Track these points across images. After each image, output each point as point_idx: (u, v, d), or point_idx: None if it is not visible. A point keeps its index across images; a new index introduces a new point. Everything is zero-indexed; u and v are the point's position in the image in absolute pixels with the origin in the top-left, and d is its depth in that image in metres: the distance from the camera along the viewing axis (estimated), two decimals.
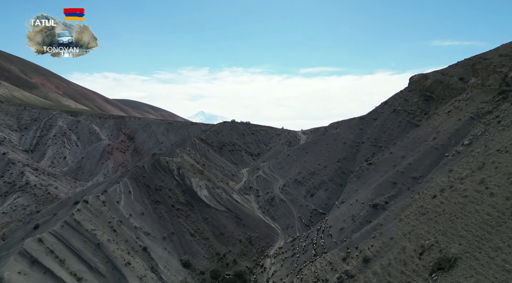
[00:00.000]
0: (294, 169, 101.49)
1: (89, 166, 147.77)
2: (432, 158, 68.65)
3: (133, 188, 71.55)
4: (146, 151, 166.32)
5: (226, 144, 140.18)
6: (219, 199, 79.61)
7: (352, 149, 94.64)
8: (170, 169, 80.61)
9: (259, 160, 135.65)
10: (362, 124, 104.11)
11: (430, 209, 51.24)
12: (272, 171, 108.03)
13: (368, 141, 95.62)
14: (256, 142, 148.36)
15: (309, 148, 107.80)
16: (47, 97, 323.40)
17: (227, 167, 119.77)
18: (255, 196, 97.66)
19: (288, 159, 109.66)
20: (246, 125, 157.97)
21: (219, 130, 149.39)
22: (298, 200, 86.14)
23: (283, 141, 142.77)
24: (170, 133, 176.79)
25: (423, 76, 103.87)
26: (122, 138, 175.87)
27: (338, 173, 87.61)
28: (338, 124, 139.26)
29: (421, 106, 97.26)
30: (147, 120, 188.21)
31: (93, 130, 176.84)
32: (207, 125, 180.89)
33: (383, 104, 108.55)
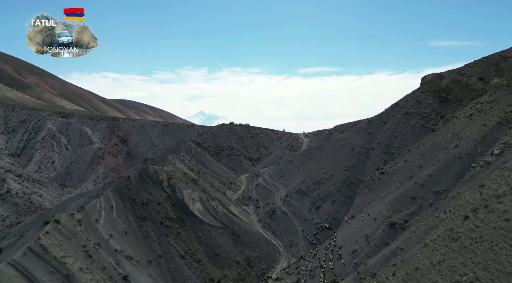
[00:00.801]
0: (297, 177, 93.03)
1: (79, 172, 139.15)
2: (456, 169, 60.23)
3: (116, 202, 63.04)
4: (140, 154, 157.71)
5: (224, 148, 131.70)
6: (214, 213, 71.12)
7: (361, 156, 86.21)
8: (159, 179, 72.12)
9: (258, 165, 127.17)
10: (371, 128, 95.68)
11: (463, 234, 42.87)
12: (273, 179, 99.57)
13: (379, 147, 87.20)
14: (255, 146, 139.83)
15: (313, 154, 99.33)
16: (40, 97, 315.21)
17: (224, 174, 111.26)
18: (255, 207, 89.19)
19: (290, 166, 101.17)
20: (245, 128, 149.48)
21: (217, 133, 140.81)
22: (302, 213, 77.68)
23: (284, 145, 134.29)
24: (166, 136, 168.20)
25: (437, 76, 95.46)
26: (115, 141, 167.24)
27: (346, 183, 79.16)
28: (343, 127, 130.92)
29: (436, 108, 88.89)
30: (141, 122, 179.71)
31: (84, 132, 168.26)
32: (204, 127, 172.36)
33: (394, 106, 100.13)
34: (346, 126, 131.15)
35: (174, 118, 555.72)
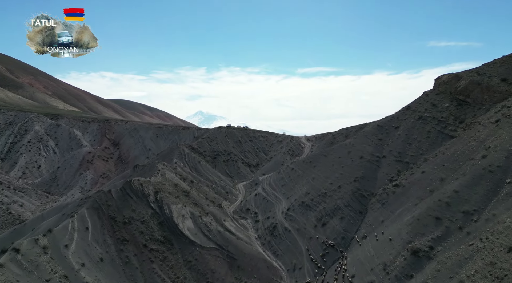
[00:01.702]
0: (300, 187, 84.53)
1: (65, 178, 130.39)
2: (487, 185, 51.86)
3: (93, 222, 54.42)
4: (132, 159, 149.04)
5: (221, 153, 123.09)
6: (207, 232, 62.58)
7: (371, 165, 77.75)
8: (145, 193, 63.51)
9: (258, 172, 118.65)
10: (381, 134, 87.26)
11: (510, 271, 34.64)
12: (273, 189, 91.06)
13: (391, 155, 78.75)
14: (254, 150, 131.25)
15: (318, 162, 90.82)
16: (33, 97, 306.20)
17: (220, 182, 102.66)
18: (253, 221, 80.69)
19: (292, 174, 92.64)
20: (244, 131, 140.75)
21: (213, 136, 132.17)
22: (306, 230, 69.20)
23: (285, 150, 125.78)
24: (160, 139, 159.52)
25: (454, 77, 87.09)
26: (106, 144, 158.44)
27: (356, 196, 70.70)
28: (348, 131, 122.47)
29: (454, 112, 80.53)
30: (134, 124, 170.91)
31: (73, 135, 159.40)
32: (200, 129, 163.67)
33: (405, 109, 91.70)
34: (351, 130, 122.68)
35: (172, 118, 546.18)
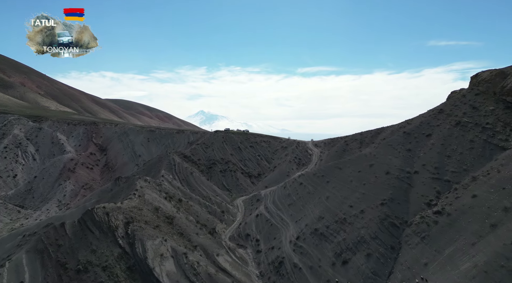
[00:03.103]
0: (311, 208, 69.34)
1: (42, 189, 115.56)
2: None
3: (32, 273, 39.37)
4: (120, 166, 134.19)
5: (217, 162, 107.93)
6: (194, 276, 47.39)
7: (401, 184, 62.38)
8: (112, 226, 48.35)
9: (259, 183, 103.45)
10: (409, 143, 71.92)
11: None
12: (278, 208, 75.89)
13: (425, 170, 63.37)
14: (255, 158, 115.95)
15: (331, 175, 75.60)
16: (23, 97, 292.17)
17: (216, 197, 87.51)
18: (254, 251, 65.54)
19: (300, 190, 77.47)
20: (244, 136, 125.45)
21: (209, 142, 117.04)
22: (321, 268, 53.97)
23: (290, 158, 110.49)
24: (151, 144, 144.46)
25: (498, 74, 71.61)
26: (92, 149, 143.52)
27: (384, 225, 55.38)
28: (362, 137, 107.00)
29: (502, 117, 65.15)
30: (124, 127, 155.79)
31: (56, 139, 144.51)
32: (196, 133, 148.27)
33: (437, 112, 76.30)
34: (365, 135, 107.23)
35: (172, 118, 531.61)
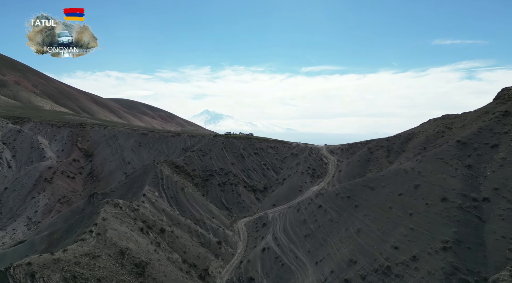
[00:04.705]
0: (336, 243, 51.53)
1: (12, 203, 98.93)
2: None
3: None
4: (106, 175, 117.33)
5: (215, 173, 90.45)
6: None
7: (467, 216, 44.22)
8: None
9: (266, 200, 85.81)
10: (468, 156, 53.62)
11: None
12: (292, 240, 58.09)
13: (500, 197, 45.13)
14: (260, 168, 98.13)
15: (360, 197, 57.65)
16: (16, 97, 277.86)
17: (211, 222, 69.99)
18: None
19: (320, 216, 59.63)
20: (247, 141, 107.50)
21: (206, 149, 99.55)
22: None
23: (302, 168, 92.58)
24: (143, 149, 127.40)
25: None
26: (76, 155, 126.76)
27: (451, 281, 37.45)
28: (390, 143, 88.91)
29: None
30: (113, 130, 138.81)
31: (37, 144, 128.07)
32: (194, 137, 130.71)
33: (501, 116, 57.90)
34: (394, 141, 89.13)
35: (175, 118, 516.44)
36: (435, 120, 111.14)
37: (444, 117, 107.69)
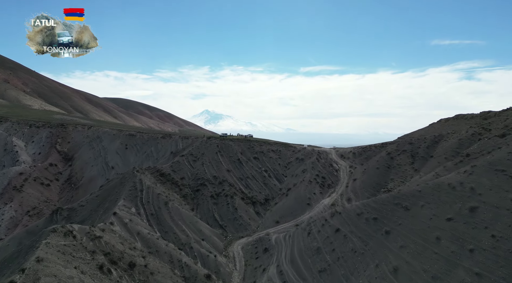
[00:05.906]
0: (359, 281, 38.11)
1: None
2: None
3: None
4: (86, 182, 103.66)
5: (208, 182, 76.88)
6: None
7: None
8: None
9: (267, 215, 72.28)
10: None
11: None
12: (301, 277, 44.56)
13: None
14: (261, 175, 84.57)
15: (392, 221, 44.14)
16: (4, 95, 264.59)
17: (198, 246, 56.31)
18: None
19: (338, 244, 46.16)
20: (245, 144, 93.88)
21: (198, 153, 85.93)
22: None
23: (310, 176, 79.05)
24: (130, 152, 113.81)
25: None
26: (54, 159, 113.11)
27: None
28: (413, 147, 75.43)
29: None
30: (98, 131, 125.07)
31: (11, 146, 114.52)
32: (187, 139, 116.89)
33: None
34: (418, 145, 75.65)
35: (173, 118, 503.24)
36: (446, 121, 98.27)
37: (458, 117, 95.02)
